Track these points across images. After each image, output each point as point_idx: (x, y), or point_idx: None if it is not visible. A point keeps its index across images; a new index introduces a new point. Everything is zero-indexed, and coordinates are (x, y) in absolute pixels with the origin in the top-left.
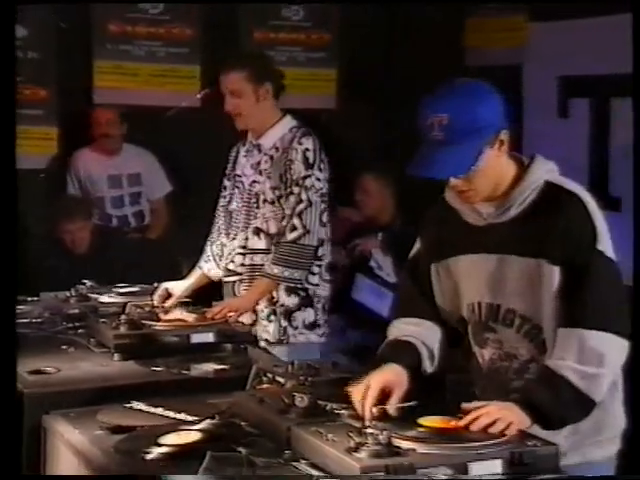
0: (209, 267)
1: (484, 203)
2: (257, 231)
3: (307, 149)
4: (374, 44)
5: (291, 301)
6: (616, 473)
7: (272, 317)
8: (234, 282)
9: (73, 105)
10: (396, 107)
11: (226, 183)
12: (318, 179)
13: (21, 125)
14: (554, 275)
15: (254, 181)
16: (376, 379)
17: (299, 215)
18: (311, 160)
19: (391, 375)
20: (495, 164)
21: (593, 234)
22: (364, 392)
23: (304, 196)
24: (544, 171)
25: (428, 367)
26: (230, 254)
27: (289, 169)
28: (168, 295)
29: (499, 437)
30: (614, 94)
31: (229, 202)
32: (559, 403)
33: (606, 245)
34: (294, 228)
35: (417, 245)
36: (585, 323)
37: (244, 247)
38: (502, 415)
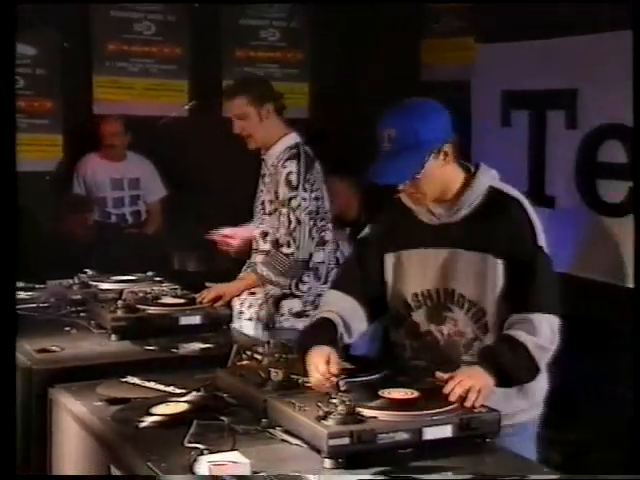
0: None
1: (437, 205)
2: (263, 235)
3: (290, 172)
4: (342, 61)
5: (277, 290)
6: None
7: (264, 304)
8: None
9: (76, 116)
10: (360, 117)
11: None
12: (304, 199)
13: (29, 133)
14: (498, 268)
15: (261, 191)
16: (316, 360)
17: (291, 234)
18: (294, 182)
19: (324, 353)
20: (439, 172)
21: (533, 233)
22: (314, 370)
23: (292, 217)
24: (488, 178)
25: (346, 339)
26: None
27: (277, 190)
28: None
29: (452, 404)
30: (550, 107)
31: (261, 201)
32: (516, 365)
33: (543, 241)
34: (288, 245)
35: (368, 230)
36: (537, 308)
37: (256, 249)
38: (472, 383)
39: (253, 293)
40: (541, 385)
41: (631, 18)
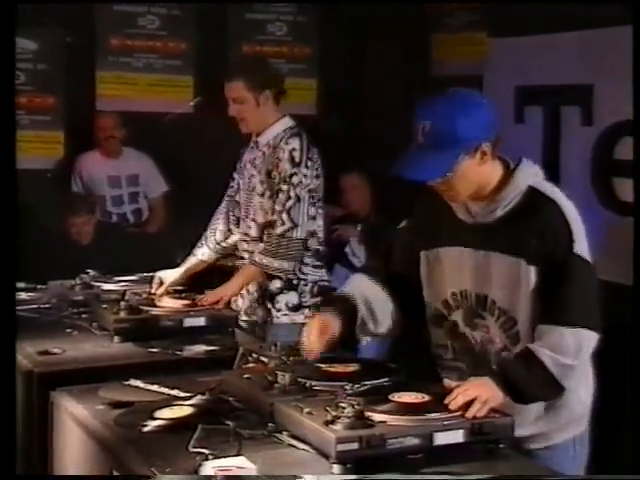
0: (202, 252)
1: (473, 202)
2: (252, 221)
3: (294, 149)
4: (350, 56)
5: (274, 285)
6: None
7: (260, 300)
8: (238, 266)
9: (78, 112)
10: (371, 113)
11: (235, 175)
12: (305, 176)
13: (32, 130)
14: (530, 274)
15: (251, 175)
16: (312, 326)
17: (288, 211)
18: (297, 159)
19: (322, 321)
20: (475, 172)
21: (570, 238)
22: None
23: (292, 193)
24: (528, 176)
25: (371, 327)
26: (234, 241)
27: (277, 167)
28: (161, 283)
29: (462, 414)
30: (564, 103)
31: (236, 193)
32: (531, 382)
33: (582, 248)
34: (283, 223)
35: (406, 223)
36: (564, 320)
37: (246, 234)
38: (478, 393)
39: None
40: (578, 399)
41: (632, 15)
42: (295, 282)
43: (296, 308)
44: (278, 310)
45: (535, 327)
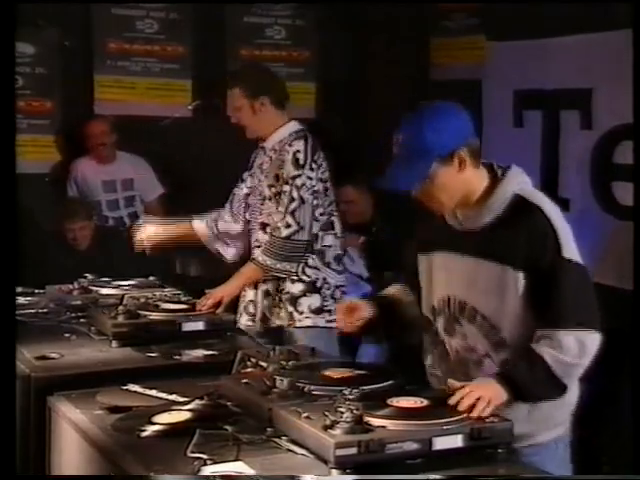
0: (198, 224)
1: (461, 209)
2: (263, 226)
3: (297, 150)
4: (349, 60)
5: (296, 288)
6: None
7: (281, 304)
8: None
9: (76, 116)
10: (370, 119)
11: (245, 176)
12: (309, 178)
13: (29, 134)
14: (518, 281)
15: (259, 180)
16: (342, 306)
17: (292, 213)
18: (301, 161)
19: (360, 302)
20: (455, 180)
21: (556, 242)
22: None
23: (295, 194)
24: (515, 184)
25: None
26: (232, 229)
27: (281, 169)
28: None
29: (467, 415)
30: (563, 107)
31: (247, 195)
32: (534, 380)
33: (571, 251)
34: (288, 225)
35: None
36: (561, 323)
37: (257, 240)
38: (482, 394)
39: (267, 294)
40: (568, 400)
41: (631, 19)
42: (319, 285)
43: (319, 311)
44: (300, 313)
45: (525, 334)
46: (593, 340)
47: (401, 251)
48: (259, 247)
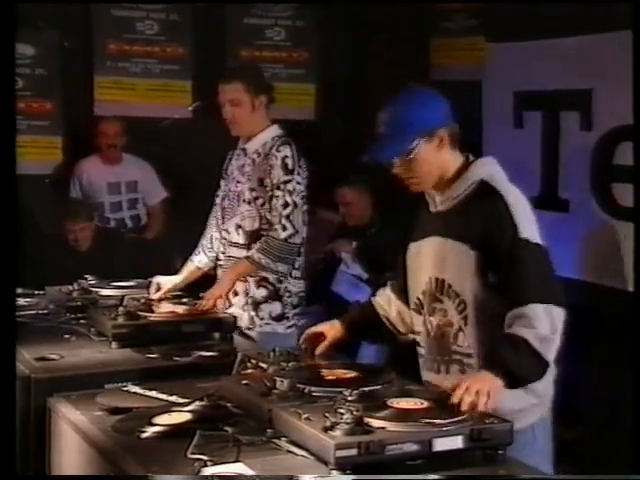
0: (199, 259)
1: (436, 192)
2: (237, 227)
3: (286, 156)
4: (349, 61)
5: (259, 293)
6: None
7: (245, 307)
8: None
9: (76, 117)
10: (370, 119)
11: (221, 182)
12: (298, 183)
13: (29, 135)
14: (473, 259)
15: (238, 182)
16: (310, 331)
17: (288, 217)
18: (290, 166)
19: (324, 326)
20: (433, 157)
21: (513, 226)
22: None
23: (289, 199)
24: (483, 170)
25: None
26: (218, 245)
27: (269, 174)
28: (159, 288)
29: (463, 415)
30: (563, 108)
31: (223, 199)
32: (519, 362)
33: (529, 232)
34: (285, 228)
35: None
36: (525, 299)
37: (224, 239)
38: (479, 387)
39: (236, 293)
40: (544, 383)
41: (631, 20)
42: (280, 293)
43: (279, 318)
44: (261, 319)
45: (488, 312)
46: (559, 314)
47: (399, 251)
48: (236, 247)
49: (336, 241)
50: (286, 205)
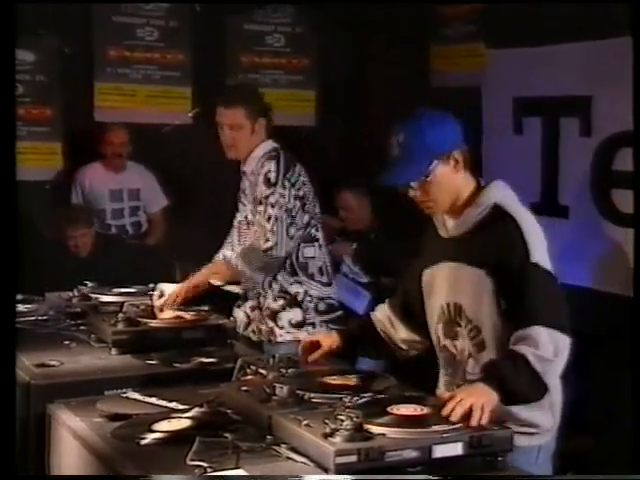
0: (224, 253)
1: (448, 217)
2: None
3: (269, 170)
4: (349, 62)
5: (276, 303)
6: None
7: (262, 320)
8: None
9: (76, 123)
10: (370, 125)
11: (238, 203)
12: (282, 195)
13: (29, 141)
14: (489, 285)
15: (244, 205)
16: (307, 340)
17: (271, 230)
18: (273, 180)
19: (321, 335)
20: (449, 179)
21: (525, 249)
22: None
23: (270, 212)
24: (495, 194)
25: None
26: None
27: (256, 191)
28: (162, 295)
29: (464, 423)
30: (563, 114)
31: (239, 223)
32: (518, 379)
33: (540, 258)
34: (267, 240)
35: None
36: (532, 321)
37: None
38: (474, 400)
39: (254, 308)
40: (549, 411)
41: (631, 26)
42: (300, 299)
43: (300, 325)
44: (281, 328)
45: (504, 337)
46: (564, 342)
47: (399, 257)
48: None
49: (336, 243)
50: (268, 218)
